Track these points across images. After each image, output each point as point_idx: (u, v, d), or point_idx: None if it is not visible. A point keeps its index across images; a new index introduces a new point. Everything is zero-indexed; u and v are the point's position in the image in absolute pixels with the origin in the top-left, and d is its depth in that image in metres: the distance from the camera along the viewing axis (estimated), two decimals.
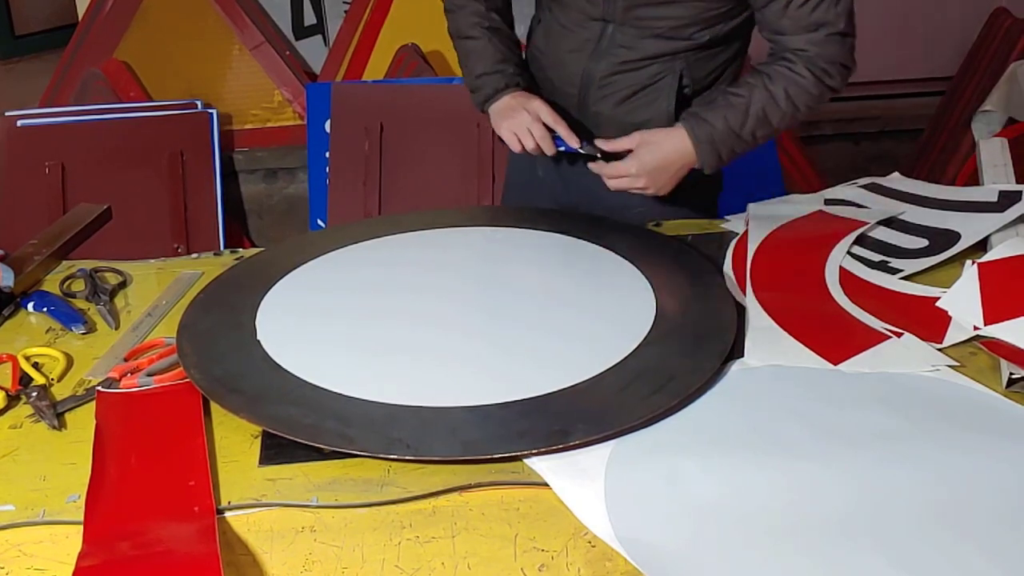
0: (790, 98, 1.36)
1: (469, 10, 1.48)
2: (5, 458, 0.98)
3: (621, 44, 1.42)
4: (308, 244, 1.43)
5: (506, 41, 1.47)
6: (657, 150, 1.37)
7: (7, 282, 1.30)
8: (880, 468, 0.91)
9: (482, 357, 1.10)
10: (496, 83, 1.45)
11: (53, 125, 2.90)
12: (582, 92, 1.48)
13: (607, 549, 0.83)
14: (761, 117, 1.36)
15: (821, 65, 1.35)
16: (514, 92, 1.44)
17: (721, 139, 1.36)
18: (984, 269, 1.21)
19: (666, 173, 1.38)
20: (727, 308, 1.18)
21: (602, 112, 1.47)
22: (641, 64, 1.42)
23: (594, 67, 1.45)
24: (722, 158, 1.38)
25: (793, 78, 1.36)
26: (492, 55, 1.45)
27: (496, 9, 1.49)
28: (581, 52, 1.45)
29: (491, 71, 1.45)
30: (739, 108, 1.36)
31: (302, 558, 0.83)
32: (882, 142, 3.34)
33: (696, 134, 1.36)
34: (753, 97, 1.36)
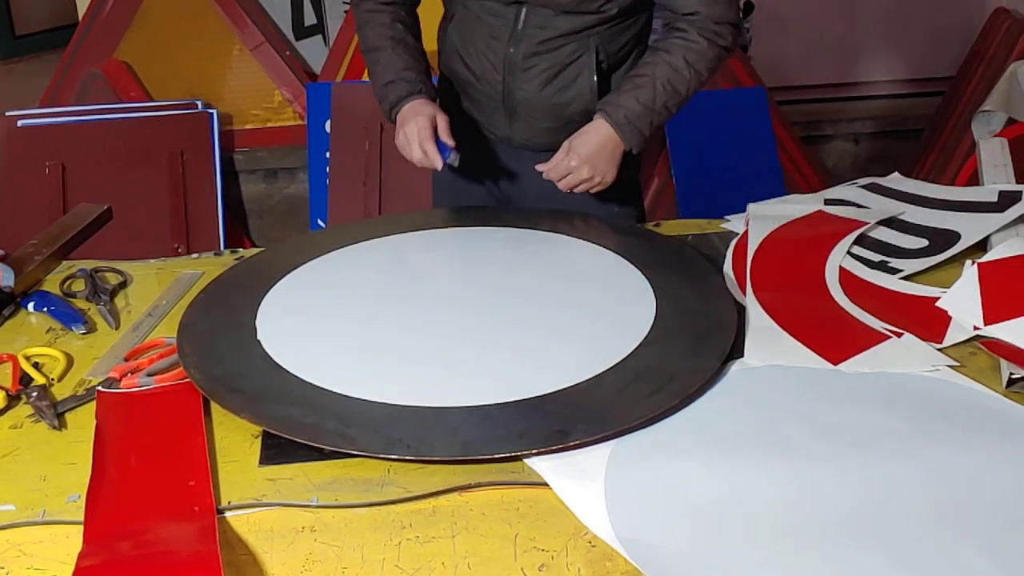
0: (690, 65, 1.42)
1: (375, 22, 1.52)
2: (5, 458, 0.98)
3: (536, 25, 1.46)
4: (308, 244, 1.43)
5: (410, 51, 1.51)
6: (587, 140, 1.43)
7: (7, 282, 1.30)
8: (880, 468, 0.91)
9: (482, 357, 1.10)
10: (399, 91, 1.47)
11: (53, 125, 2.90)
12: (506, 78, 1.51)
13: (607, 549, 0.83)
14: (669, 89, 1.42)
15: (712, 27, 1.42)
16: (415, 100, 1.46)
17: (637, 117, 1.42)
18: (984, 269, 1.21)
19: (603, 158, 1.43)
20: (727, 308, 1.18)
21: (529, 96, 1.51)
22: (557, 43, 1.47)
23: (514, 52, 1.49)
24: (644, 134, 1.44)
25: (688, 46, 1.42)
26: (395, 64, 1.49)
27: (401, 20, 1.52)
28: (499, 39, 1.49)
29: (395, 79, 1.48)
30: (646, 86, 1.42)
31: (302, 558, 0.83)
32: (882, 142, 3.34)
33: (614, 119, 1.42)
34: (656, 72, 1.42)
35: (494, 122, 1.58)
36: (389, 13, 1.52)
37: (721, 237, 1.46)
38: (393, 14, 1.52)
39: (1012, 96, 2.54)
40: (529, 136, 1.55)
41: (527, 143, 1.56)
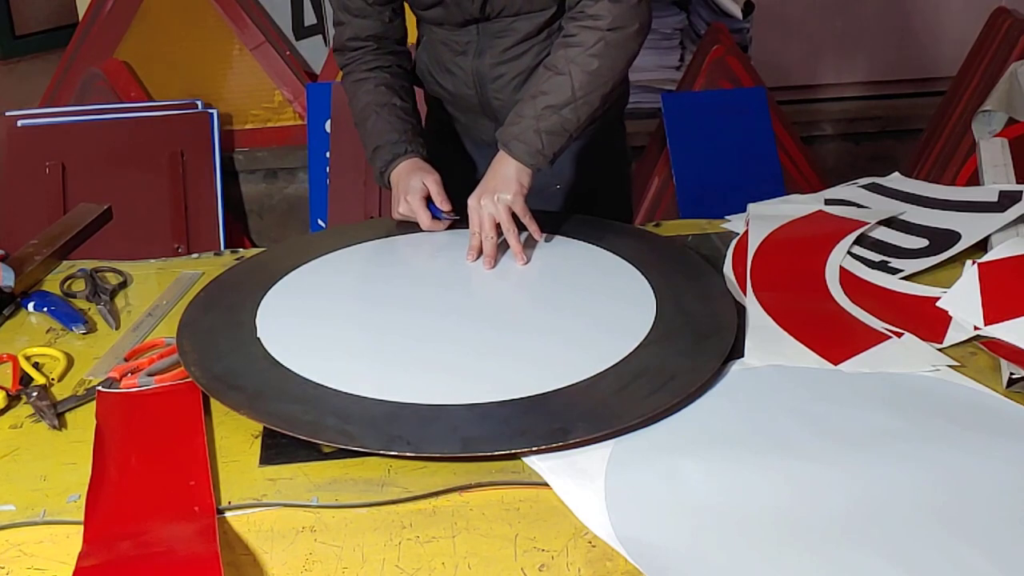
0: (571, 60, 1.35)
1: (360, 91, 1.51)
2: (5, 458, 0.98)
3: (494, 35, 1.46)
4: (308, 244, 1.43)
5: (395, 112, 1.48)
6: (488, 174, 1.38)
7: (7, 282, 1.30)
8: (880, 468, 0.91)
9: (482, 356, 1.10)
10: (384, 156, 1.46)
11: (53, 125, 2.90)
12: (479, 91, 1.51)
13: (607, 549, 0.83)
14: (548, 92, 1.35)
15: (589, 11, 1.35)
16: (401, 163, 1.45)
17: (520, 133, 1.35)
18: (984, 269, 1.21)
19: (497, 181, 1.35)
20: (727, 308, 1.18)
21: (504, 103, 1.50)
22: (520, 49, 1.46)
23: (481, 64, 1.49)
24: (532, 145, 1.35)
25: (568, 43, 1.36)
26: (380, 129, 1.48)
27: (385, 84, 1.50)
28: (465, 55, 1.49)
29: (380, 144, 1.47)
30: (526, 100, 1.38)
31: (302, 558, 0.83)
32: (882, 142, 3.34)
33: (502, 141, 1.38)
34: (538, 82, 1.37)
35: (480, 128, 1.58)
36: (373, 79, 1.51)
37: (721, 237, 1.46)
38: (377, 79, 1.51)
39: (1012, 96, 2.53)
40: None
41: None
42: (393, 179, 1.46)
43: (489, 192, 1.35)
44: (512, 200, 1.34)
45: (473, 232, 1.35)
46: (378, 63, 1.52)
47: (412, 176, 1.43)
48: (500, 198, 1.34)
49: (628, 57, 1.39)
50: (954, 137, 2.96)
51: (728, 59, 2.92)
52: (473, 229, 1.35)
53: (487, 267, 1.32)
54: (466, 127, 1.62)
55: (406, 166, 1.45)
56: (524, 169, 1.36)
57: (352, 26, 1.51)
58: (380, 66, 1.52)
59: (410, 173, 1.44)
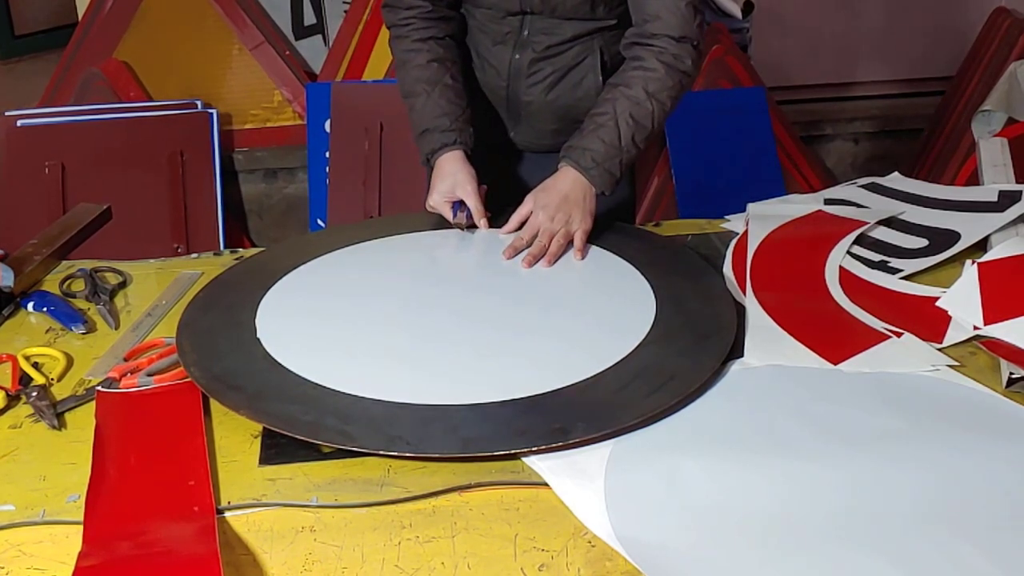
0: (651, 96, 1.37)
1: (411, 64, 1.47)
2: (5, 458, 0.98)
3: (541, 31, 1.45)
4: (308, 244, 1.43)
5: (447, 93, 1.45)
6: (551, 190, 1.36)
7: (7, 282, 1.30)
8: (880, 468, 0.91)
9: (482, 355, 1.10)
10: (432, 143, 1.44)
11: (53, 125, 2.90)
12: (511, 84, 1.50)
13: (607, 549, 0.83)
14: (633, 124, 1.36)
15: (671, 50, 1.36)
16: (448, 153, 1.43)
17: (604, 159, 1.36)
18: (984, 269, 1.21)
19: (572, 205, 1.35)
20: (727, 308, 1.18)
21: (534, 100, 1.50)
22: (563, 48, 1.46)
23: (519, 58, 1.47)
24: (614, 175, 1.37)
25: (647, 76, 1.37)
26: (430, 112, 1.45)
27: (438, 58, 1.46)
28: (504, 45, 1.47)
29: (430, 127, 1.45)
30: (609, 125, 1.36)
31: (302, 558, 0.83)
32: (882, 142, 3.34)
33: (581, 164, 1.36)
34: (617, 109, 1.36)
35: (495, 130, 1.57)
36: (425, 52, 1.47)
37: (721, 237, 1.46)
38: (430, 52, 1.47)
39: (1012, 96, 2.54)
40: (532, 139, 1.55)
41: (529, 146, 1.56)
42: (437, 167, 1.44)
43: (564, 209, 1.34)
44: (581, 228, 1.34)
45: (524, 237, 1.33)
46: (431, 32, 1.47)
47: (451, 177, 1.41)
48: (572, 222, 1.34)
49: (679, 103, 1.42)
50: (954, 137, 2.96)
51: (728, 59, 2.92)
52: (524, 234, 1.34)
53: (525, 266, 1.31)
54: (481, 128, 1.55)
55: (449, 159, 1.42)
56: (594, 194, 1.37)
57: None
58: (434, 36, 1.47)
59: (451, 172, 1.41)
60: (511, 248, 1.34)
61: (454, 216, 1.42)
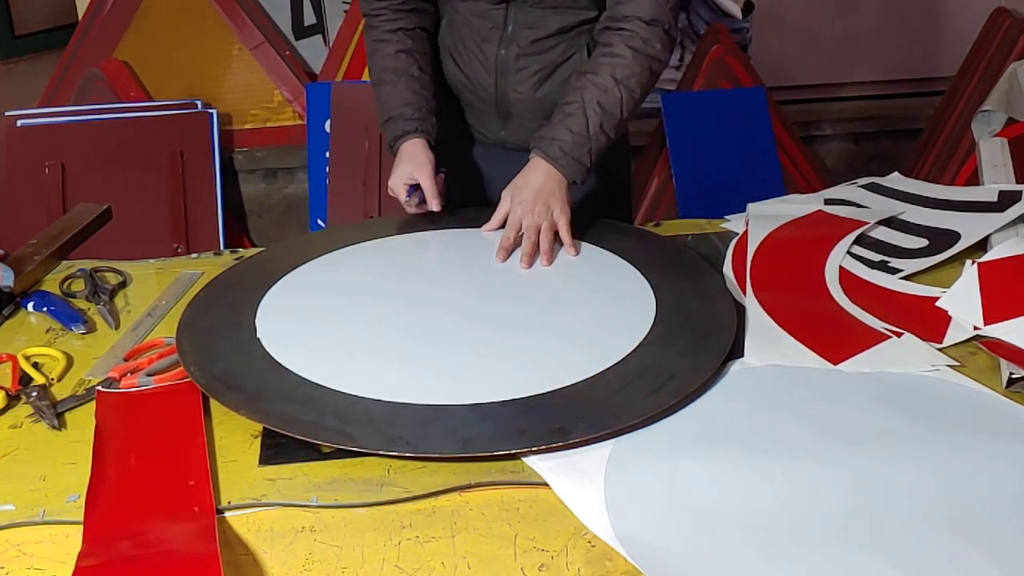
0: (619, 82, 1.36)
1: (380, 53, 1.49)
2: (5, 458, 0.98)
3: (525, 25, 1.45)
4: (308, 244, 1.43)
5: (412, 84, 1.47)
6: (524, 184, 1.36)
7: (7, 282, 1.30)
8: (880, 468, 0.91)
9: (482, 356, 1.10)
10: (395, 129, 1.46)
11: (53, 125, 2.90)
12: (499, 81, 1.50)
13: (607, 549, 0.83)
14: (601, 112, 1.36)
15: (641, 34, 1.36)
16: (411, 140, 1.45)
17: (572, 148, 1.35)
18: (984, 269, 1.21)
19: (547, 195, 1.35)
20: (727, 308, 1.18)
21: (522, 98, 1.50)
22: (549, 43, 1.46)
23: (505, 53, 1.47)
24: (584, 164, 1.37)
25: (615, 62, 1.37)
26: (395, 100, 1.47)
27: (406, 50, 1.49)
28: (490, 41, 1.47)
29: (394, 116, 1.46)
30: (577, 114, 1.36)
31: (302, 558, 0.83)
32: (882, 142, 3.34)
33: (549, 154, 1.36)
34: (585, 97, 1.36)
35: (487, 125, 1.57)
36: (395, 43, 1.49)
37: (721, 237, 1.46)
38: (399, 43, 1.49)
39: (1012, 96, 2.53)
40: (523, 138, 1.53)
41: (521, 145, 1.53)
42: (398, 153, 1.46)
43: (541, 201, 1.34)
44: (561, 217, 1.34)
45: (509, 235, 1.33)
46: (401, 23, 1.50)
47: (409, 162, 1.43)
48: (552, 212, 1.34)
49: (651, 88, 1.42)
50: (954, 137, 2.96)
51: (728, 59, 2.92)
52: (509, 233, 1.33)
53: (524, 266, 1.31)
54: (473, 124, 1.60)
55: (410, 146, 1.45)
56: (567, 184, 1.36)
57: None
58: (403, 28, 1.50)
59: (410, 156, 1.44)
60: (501, 250, 1.34)
61: (407, 197, 1.43)
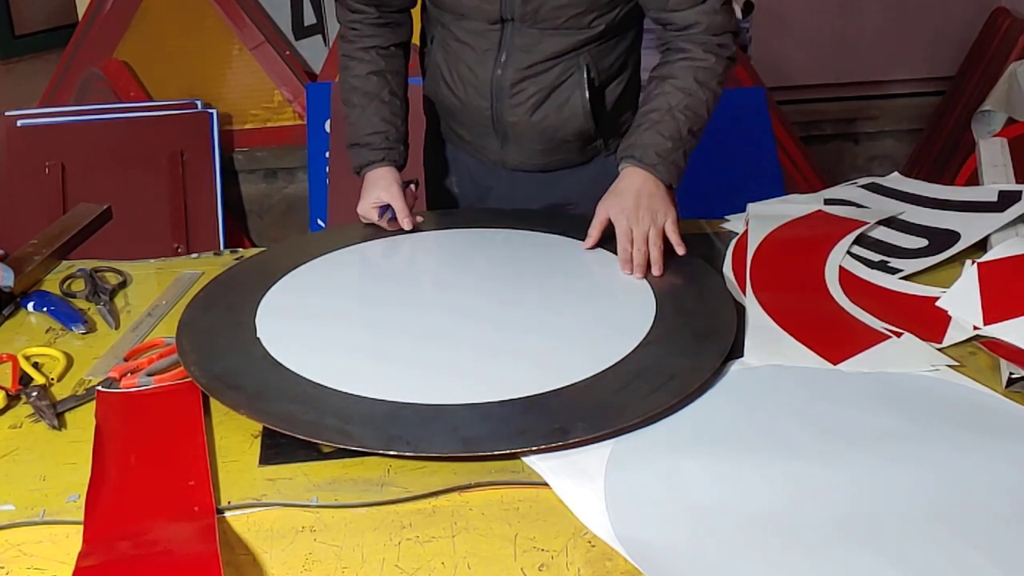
0: (702, 84, 1.35)
1: (352, 72, 1.47)
2: (5, 458, 0.98)
3: (522, 48, 1.40)
4: (308, 244, 1.43)
5: (382, 109, 1.45)
6: (622, 193, 1.32)
7: (7, 282, 1.30)
8: (880, 468, 0.91)
9: (482, 355, 1.09)
10: (362, 157, 1.45)
11: (53, 125, 2.90)
12: (494, 104, 1.45)
13: (607, 549, 0.83)
14: (689, 115, 1.35)
15: (715, 40, 1.36)
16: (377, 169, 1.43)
17: (667, 152, 1.33)
18: (984, 269, 1.21)
19: (649, 199, 1.31)
20: (727, 308, 1.18)
21: (519, 121, 1.45)
22: (547, 65, 1.41)
23: (501, 76, 1.42)
24: (680, 166, 1.35)
25: (696, 66, 1.36)
26: (364, 126, 1.45)
27: (377, 71, 1.46)
28: (485, 63, 1.42)
29: (360, 142, 1.45)
30: (665, 119, 1.34)
31: (302, 558, 0.83)
32: (882, 142, 3.34)
33: (644, 161, 1.33)
34: (671, 102, 1.35)
35: (485, 146, 1.53)
36: (367, 62, 1.45)
37: (721, 237, 1.46)
38: (371, 63, 1.45)
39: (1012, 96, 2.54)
40: (523, 159, 1.51)
41: (521, 165, 1.52)
42: (365, 180, 1.45)
43: (644, 207, 1.30)
44: (668, 219, 1.31)
45: (626, 261, 1.29)
46: (376, 40, 1.46)
47: (375, 185, 1.43)
48: (656, 216, 1.30)
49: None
50: (954, 137, 2.96)
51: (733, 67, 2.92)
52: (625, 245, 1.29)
53: (638, 276, 1.27)
54: (471, 144, 1.55)
55: (378, 174, 1.43)
56: (665, 187, 1.34)
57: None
58: (378, 46, 1.46)
59: (376, 181, 1.43)
60: (625, 264, 1.29)
61: (380, 216, 1.42)
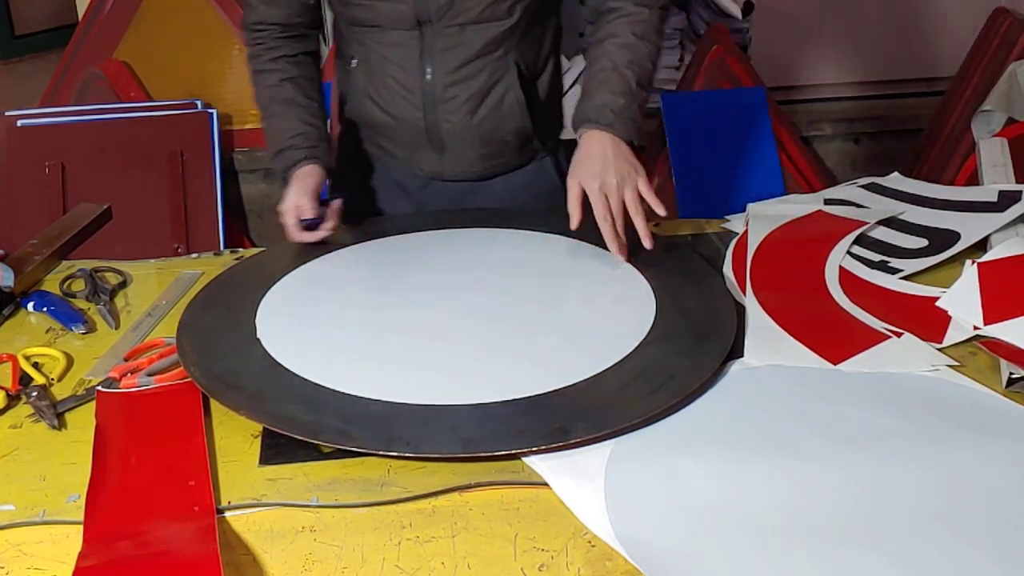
0: (641, 37, 1.37)
1: (263, 84, 1.46)
2: (5, 458, 0.98)
3: (445, 49, 1.39)
4: (308, 244, 1.43)
5: (299, 113, 1.44)
6: (586, 158, 1.30)
7: (7, 282, 1.30)
8: (880, 467, 0.91)
9: (482, 356, 1.10)
10: (287, 160, 1.43)
11: (53, 125, 2.90)
12: (427, 114, 1.43)
13: (607, 549, 0.83)
14: (636, 68, 1.36)
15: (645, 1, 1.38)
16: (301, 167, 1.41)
17: (622, 108, 1.33)
18: (984, 269, 1.21)
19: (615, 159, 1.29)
20: (727, 308, 1.18)
21: (455, 129, 1.44)
22: (476, 67, 1.40)
23: (432, 83, 1.41)
24: (636, 120, 1.35)
25: (631, 20, 1.37)
26: (283, 132, 1.43)
27: (290, 78, 1.45)
28: (412, 73, 1.41)
29: (284, 148, 1.43)
30: (613, 77, 1.34)
31: (302, 558, 0.83)
32: (882, 142, 3.33)
33: (601, 122, 1.32)
34: (615, 60, 1.35)
35: (420, 159, 1.50)
36: (277, 72, 1.45)
37: (721, 237, 1.46)
38: (282, 72, 1.45)
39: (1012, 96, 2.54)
40: (462, 167, 1.49)
41: (459, 175, 1.51)
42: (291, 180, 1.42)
43: (613, 173, 1.27)
44: (639, 177, 1.29)
45: (605, 218, 1.27)
46: (283, 51, 1.45)
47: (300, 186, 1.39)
48: (628, 180, 1.27)
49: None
50: (954, 137, 2.96)
51: (728, 59, 2.92)
52: (604, 215, 1.27)
53: (623, 257, 1.27)
54: (403, 159, 1.52)
55: (304, 172, 1.41)
56: (626, 145, 1.32)
57: (258, 12, 1.45)
58: (285, 55, 1.45)
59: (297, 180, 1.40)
60: (612, 243, 1.27)
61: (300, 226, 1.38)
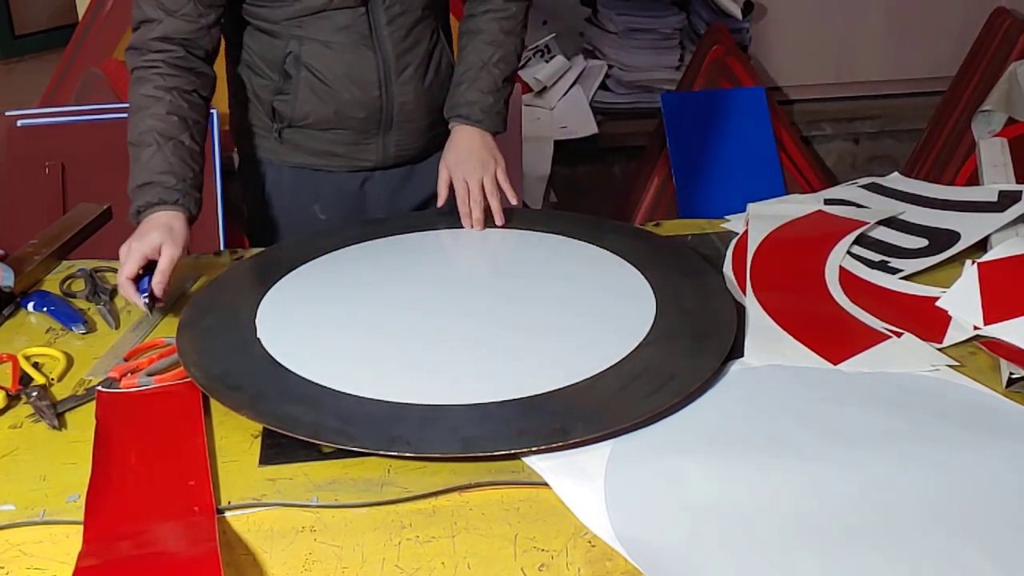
0: (509, 34, 1.47)
1: (147, 112, 1.35)
2: (5, 458, 0.98)
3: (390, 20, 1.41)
4: (308, 244, 1.43)
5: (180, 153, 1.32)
6: (455, 149, 1.45)
7: (7, 282, 1.30)
8: (880, 468, 0.91)
9: (482, 356, 1.10)
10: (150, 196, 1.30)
11: (53, 125, 2.90)
12: (385, 91, 1.44)
13: (607, 549, 0.83)
14: (503, 66, 1.47)
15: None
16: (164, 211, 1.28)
17: (490, 106, 1.46)
18: (984, 269, 1.21)
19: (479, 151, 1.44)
20: (727, 308, 1.18)
21: (409, 100, 1.47)
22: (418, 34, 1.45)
23: (386, 56, 1.42)
24: (501, 113, 1.49)
25: (499, 17, 1.47)
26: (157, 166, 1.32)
27: (179, 112, 1.34)
28: (364, 52, 1.40)
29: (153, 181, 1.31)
30: (482, 75, 1.45)
31: (302, 558, 0.83)
32: (882, 142, 3.34)
33: (471, 119, 1.45)
34: (484, 57, 1.46)
35: (367, 149, 1.50)
36: (167, 103, 1.33)
37: (721, 237, 1.46)
38: (171, 104, 1.33)
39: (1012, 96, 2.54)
40: (407, 146, 1.51)
41: (401, 156, 1.52)
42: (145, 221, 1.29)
43: (475, 159, 1.43)
44: (498, 166, 1.44)
45: (463, 200, 1.42)
46: (178, 82, 1.36)
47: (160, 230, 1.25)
48: (487, 165, 1.43)
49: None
50: (954, 137, 2.96)
51: (728, 59, 2.92)
52: (463, 197, 1.42)
53: (478, 229, 1.41)
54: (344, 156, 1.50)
55: (167, 216, 1.28)
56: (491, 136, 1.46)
57: (164, 25, 1.36)
58: (179, 87, 1.36)
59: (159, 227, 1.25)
60: (466, 219, 1.42)
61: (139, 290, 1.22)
